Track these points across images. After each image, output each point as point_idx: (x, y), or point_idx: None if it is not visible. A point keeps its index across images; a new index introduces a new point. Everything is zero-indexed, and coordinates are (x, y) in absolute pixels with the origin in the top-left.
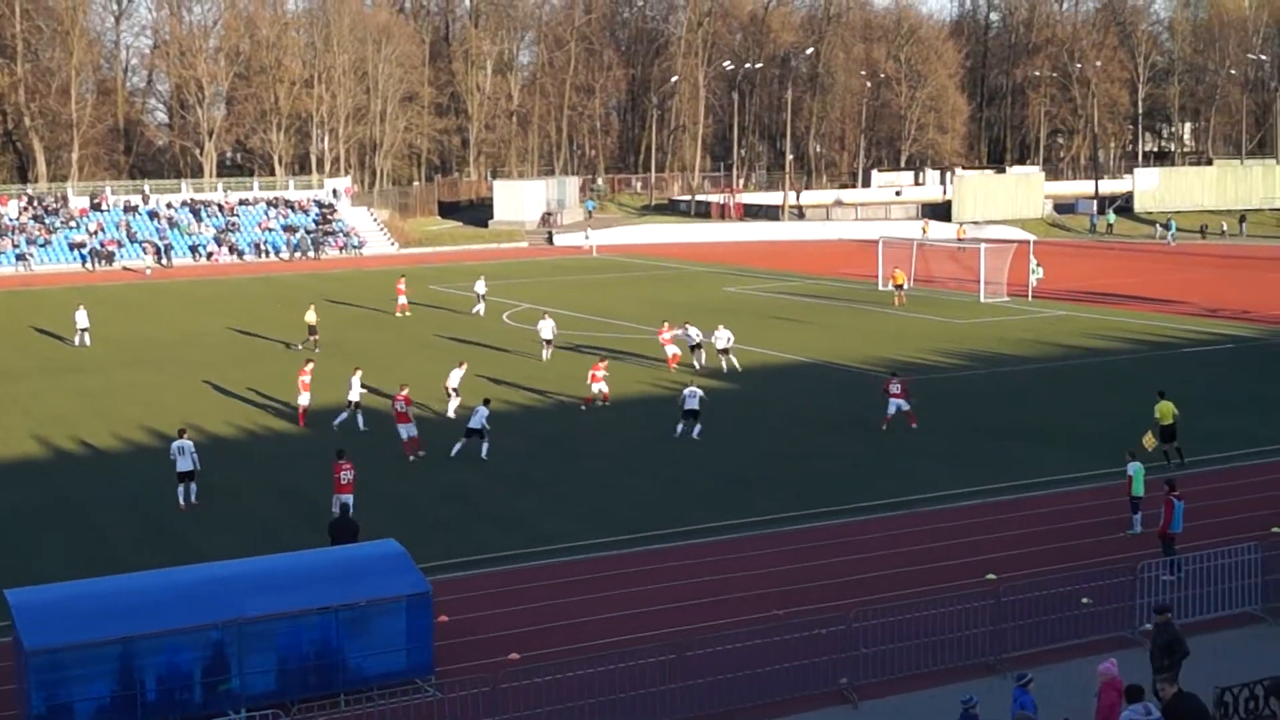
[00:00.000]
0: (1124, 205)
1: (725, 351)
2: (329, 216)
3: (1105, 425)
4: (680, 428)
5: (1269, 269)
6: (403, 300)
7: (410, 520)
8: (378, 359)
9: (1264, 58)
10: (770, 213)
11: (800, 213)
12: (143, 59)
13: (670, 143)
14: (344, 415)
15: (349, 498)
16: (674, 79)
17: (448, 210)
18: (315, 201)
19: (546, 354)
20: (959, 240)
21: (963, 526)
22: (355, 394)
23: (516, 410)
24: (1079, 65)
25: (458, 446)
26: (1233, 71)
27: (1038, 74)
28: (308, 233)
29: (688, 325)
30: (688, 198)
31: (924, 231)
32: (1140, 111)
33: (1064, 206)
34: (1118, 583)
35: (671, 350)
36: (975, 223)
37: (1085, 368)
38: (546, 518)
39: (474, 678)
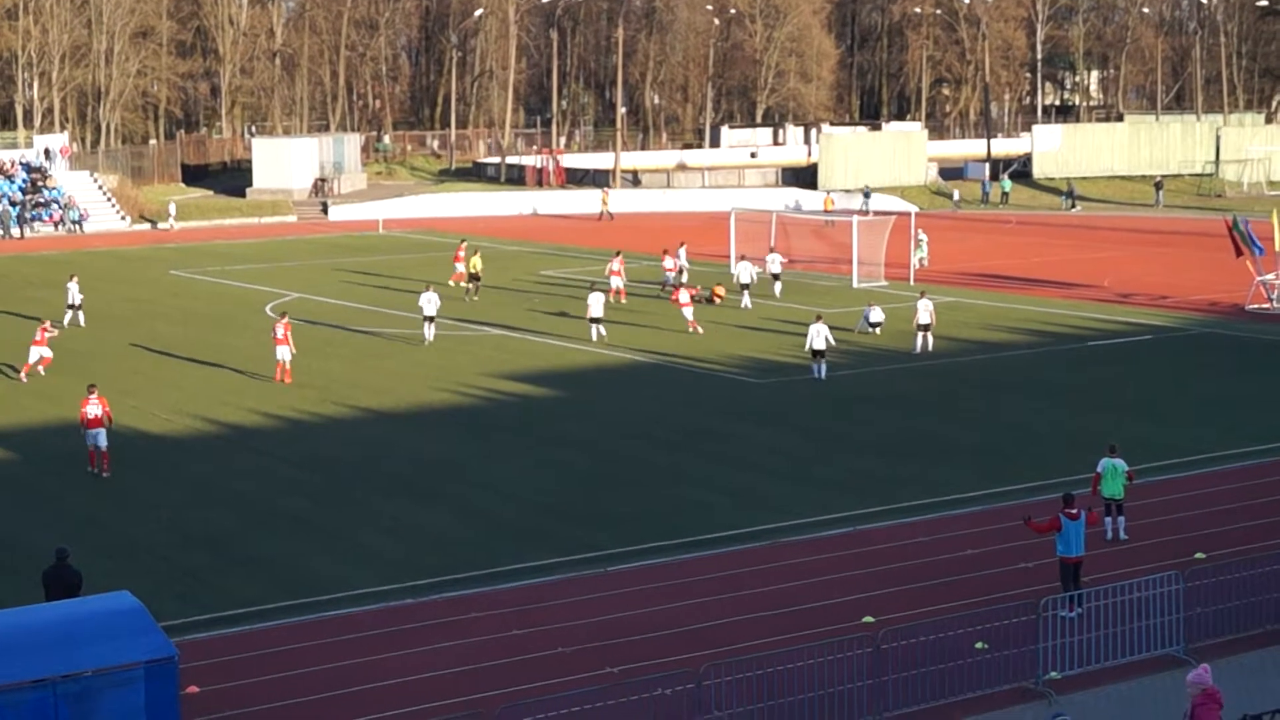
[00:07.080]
0: (1021, 169)
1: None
2: (40, 184)
3: (1003, 435)
4: (814, 369)
5: (1188, 245)
6: (460, 269)
7: (147, 567)
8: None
9: None
10: (599, 179)
11: (635, 178)
12: None
13: (475, 92)
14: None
15: (100, 432)
16: (478, 13)
17: (194, 176)
18: (22, 164)
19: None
20: (826, 212)
21: (834, 560)
22: (431, 309)
23: (278, 424)
24: (967, 1)
25: (816, 369)
26: (1145, 10)
27: (918, 11)
28: (13, 204)
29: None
30: (496, 160)
31: (827, 207)
32: (1039, 57)
33: (951, 171)
34: (1018, 623)
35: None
36: (847, 191)
37: (979, 365)
38: (316, 561)
39: None
